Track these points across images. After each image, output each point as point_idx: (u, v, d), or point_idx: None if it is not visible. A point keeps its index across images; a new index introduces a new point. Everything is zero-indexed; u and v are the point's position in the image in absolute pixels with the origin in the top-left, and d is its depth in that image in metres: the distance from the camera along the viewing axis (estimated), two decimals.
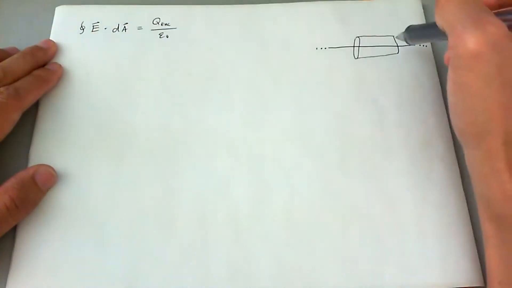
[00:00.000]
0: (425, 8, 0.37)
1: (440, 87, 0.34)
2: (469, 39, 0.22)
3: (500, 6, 0.26)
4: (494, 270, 0.25)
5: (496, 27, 0.22)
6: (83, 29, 0.36)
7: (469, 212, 0.30)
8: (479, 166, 0.24)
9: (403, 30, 0.33)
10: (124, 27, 0.36)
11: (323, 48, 0.35)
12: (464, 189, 0.31)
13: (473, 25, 0.22)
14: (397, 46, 0.35)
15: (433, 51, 0.35)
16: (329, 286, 0.28)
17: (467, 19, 0.23)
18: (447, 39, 0.25)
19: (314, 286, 0.28)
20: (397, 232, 0.29)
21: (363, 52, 0.35)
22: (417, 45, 0.35)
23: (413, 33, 0.32)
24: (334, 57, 0.35)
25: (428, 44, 0.35)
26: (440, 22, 0.25)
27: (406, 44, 0.35)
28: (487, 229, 0.25)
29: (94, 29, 0.36)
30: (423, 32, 0.31)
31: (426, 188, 0.30)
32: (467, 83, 0.23)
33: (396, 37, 0.35)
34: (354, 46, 0.35)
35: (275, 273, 0.28)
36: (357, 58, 0.35)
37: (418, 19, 0.36)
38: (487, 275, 0.26)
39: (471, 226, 0.30)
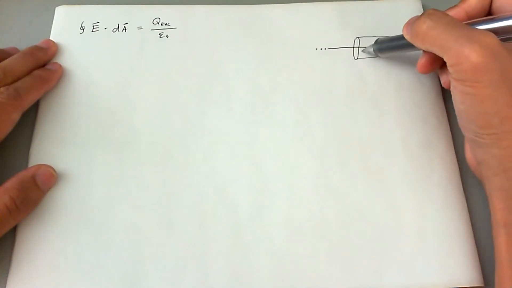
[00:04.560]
0: (425, 8, 0.37)
1: (440, 87, 0.34)
2: (471, 54, 0.23)
3: (469, 19, 0.28)
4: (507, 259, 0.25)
5: (489, 37, 0.24)
6: (83, 29, 0.36)
7: (469, 212, 0.30)
8: (501, 162, 0.25)
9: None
10: (124, 27, 0.36)
11: (323, 49, 0.35)
12: (464, 189, 0.31)
13: (469, 41, 0.24)
14: None
15: None
16: (329, 287, 0.28)
17: (460, 38, 0.24)
18: (414, 50, 0.29)
19: (314, 286, 0.28)
20: (397, 232, 0.29)
21: (363, 52, 0.35)
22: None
23: (381, 45, 0.33)
24: (334, 58, 0.35)
25: None
26: (426, 47, 0.26)
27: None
28: (507, 218, 0.25)
29: (94, 29, 0.36)
30: (391, 44, 0.32)
31: (426, 188, 0.30)
32: (476, 92, 0.24)
33: (363, 51, 0.35)
34: (354, 47, 0.35)
35: (275, 274, 0.28)
36: (357, 58, 0.35)
37: None
38: (498, 266, 0.25)
39: (471, 226, 0.30)
